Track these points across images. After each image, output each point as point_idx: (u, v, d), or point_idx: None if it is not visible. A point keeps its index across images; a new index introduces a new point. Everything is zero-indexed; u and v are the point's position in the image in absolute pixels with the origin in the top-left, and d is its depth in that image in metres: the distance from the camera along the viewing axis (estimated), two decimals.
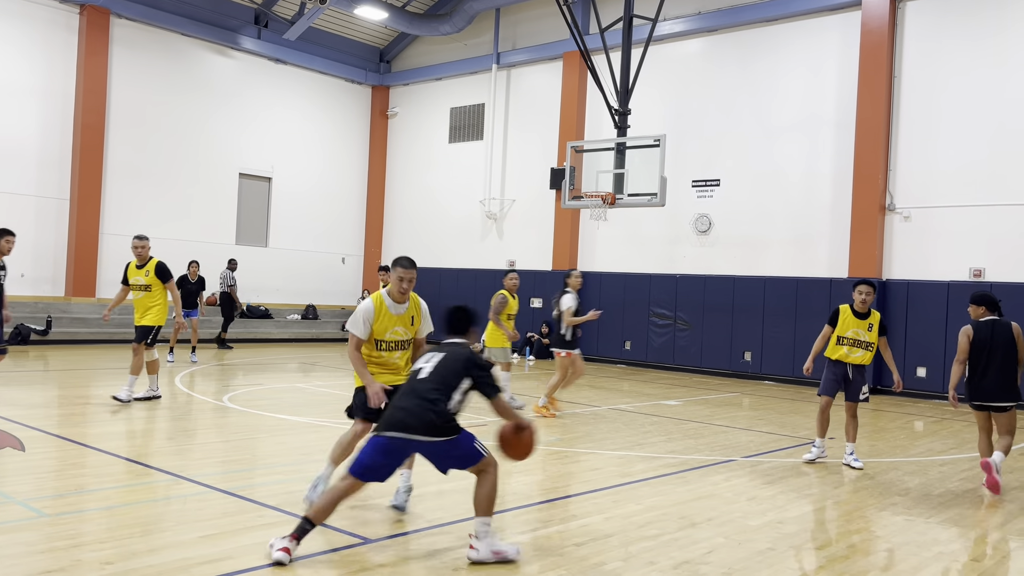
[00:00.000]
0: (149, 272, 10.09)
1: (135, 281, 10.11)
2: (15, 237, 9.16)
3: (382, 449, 4.71)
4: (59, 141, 18.42)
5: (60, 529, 5.03)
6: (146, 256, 10.15)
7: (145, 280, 10.07)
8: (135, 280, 10.11)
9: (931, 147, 15.01)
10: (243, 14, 21.20)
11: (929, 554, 5.33)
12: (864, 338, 8.04)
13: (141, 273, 10.09)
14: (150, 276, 10.08)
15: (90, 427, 8.64)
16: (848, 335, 8.08)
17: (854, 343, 8.07)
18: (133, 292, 10.12)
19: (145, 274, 10.08)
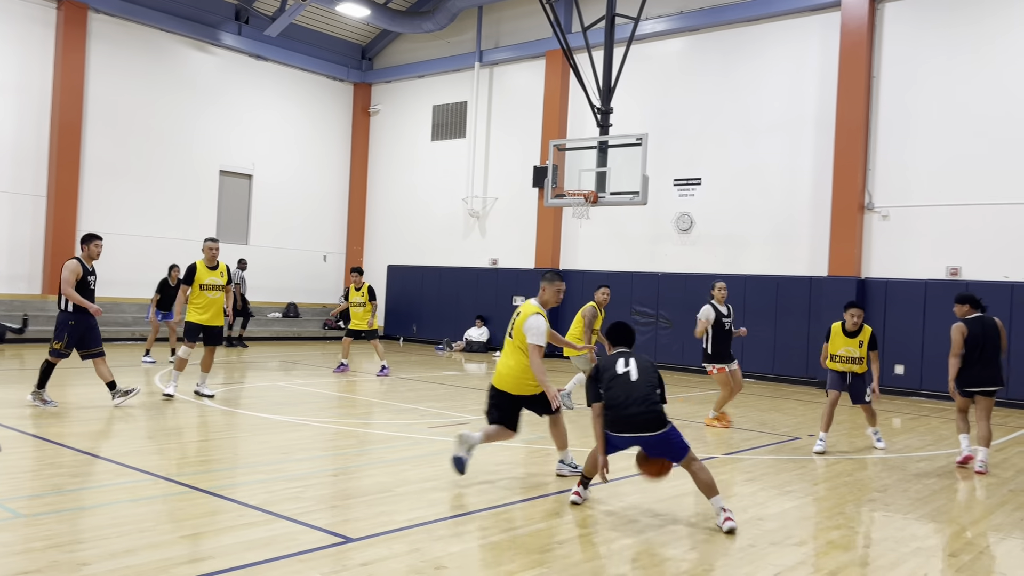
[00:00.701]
0: (224, 274, 10.56)
1: (211, 282, 10.42)
2: (102, 241, 9.56)
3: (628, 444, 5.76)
4: (35, 137, 18.19)
5: (37, 530, 4.97)
6: (216, 258, 10.55)
7: (221, 281, 10.49)
8: (211, 281, 10.42)
9: (909, 147, 15.17)
10: (223, 10, 21.03)
11: (907, 549, 5.39)
12: (855, 355, 8.86)
13: (216, 275, 10.47)
14: (224, 277, 10.53)
15: (67, 426, 8.55)
16: (840, 353, 8.92)
17: (846, 360, 8.92)
18: (210, 293, 10.39)
19: (220, 275, 10.50)
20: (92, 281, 9.43)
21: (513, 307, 20.39)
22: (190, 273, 10.43)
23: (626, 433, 5.70)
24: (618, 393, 5.72)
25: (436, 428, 9.21)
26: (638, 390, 5.70)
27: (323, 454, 7.87)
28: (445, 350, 20.37)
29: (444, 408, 10.73)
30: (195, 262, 10.50)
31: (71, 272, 9.19)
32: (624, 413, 5.67)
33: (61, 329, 9.32)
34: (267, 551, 4.73)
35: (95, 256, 9.48)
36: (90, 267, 9.43)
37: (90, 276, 9.38)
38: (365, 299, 14.55)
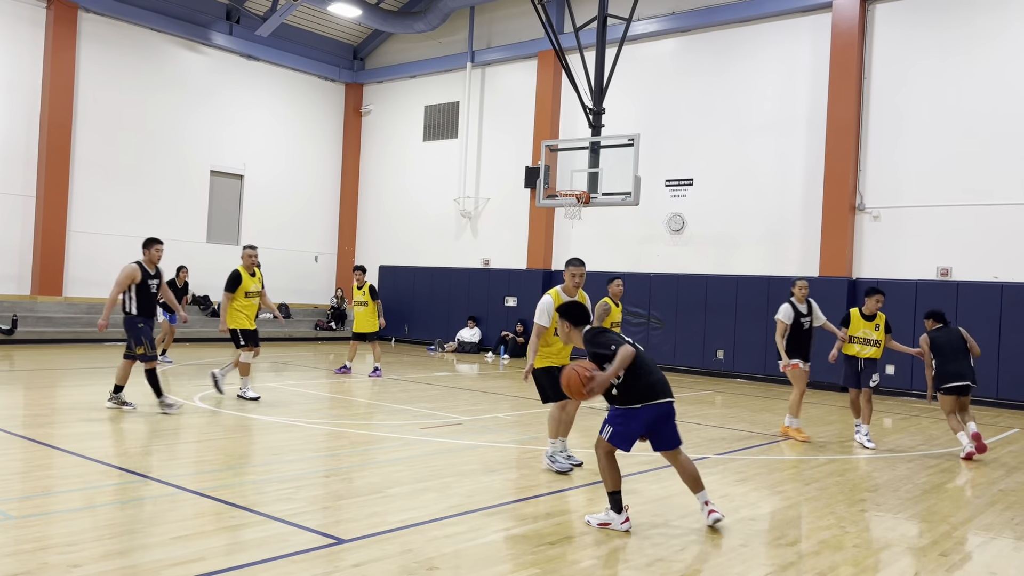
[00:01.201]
0: (261, 280, 10.94)
1: (255, 289, 10.78)
2: (163, 245, 9.59)
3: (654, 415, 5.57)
4: (25, 137, 18.10)
5: (27, 531, 4.94)
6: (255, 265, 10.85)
7: (259, 287, 10.86)
8: (255, 288, 10.78)
9: (900, 148, 15.24)
10: (214, 9, 20.97)
11: (898, 549, 5.41)
12: (872, 337, 9.44)
13: (256, 281, 10.81)
14: (262, 283, 10.89)
15: (57, 428, 8.50)
16: (859, 335, 9.48)
17: (864, 342, 9.45)
18: (254, 299, 10.77)
19: (259, 282, 10.86)
20: (153, 285, 9.40)
21: (505, 307, 20.41)
22: (234, 280, 10.59)
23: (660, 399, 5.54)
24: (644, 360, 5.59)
25: (428, 429, 9.20)
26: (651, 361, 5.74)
27: (315, 455, 7.85)
28: (437, 351, 20.35)
29: (436, 409, 10.72)
30: (237, 269, 10.71)
31: (125, 275, 9.21)
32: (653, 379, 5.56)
33: (135, 333, 9.25)
34: (259, 552, 4.71)
35: (156, 260, 9.48)
36: (152, 271, 9.42)
37: (151, 280, 9.38)
38: (367, 298, 14.27)
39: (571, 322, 5.93)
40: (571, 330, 5.93)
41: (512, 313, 20.17)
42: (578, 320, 5.93)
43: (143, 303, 9.29)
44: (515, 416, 10.50)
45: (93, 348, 16.86)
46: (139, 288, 9.25)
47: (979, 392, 14.11)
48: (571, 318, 5.94)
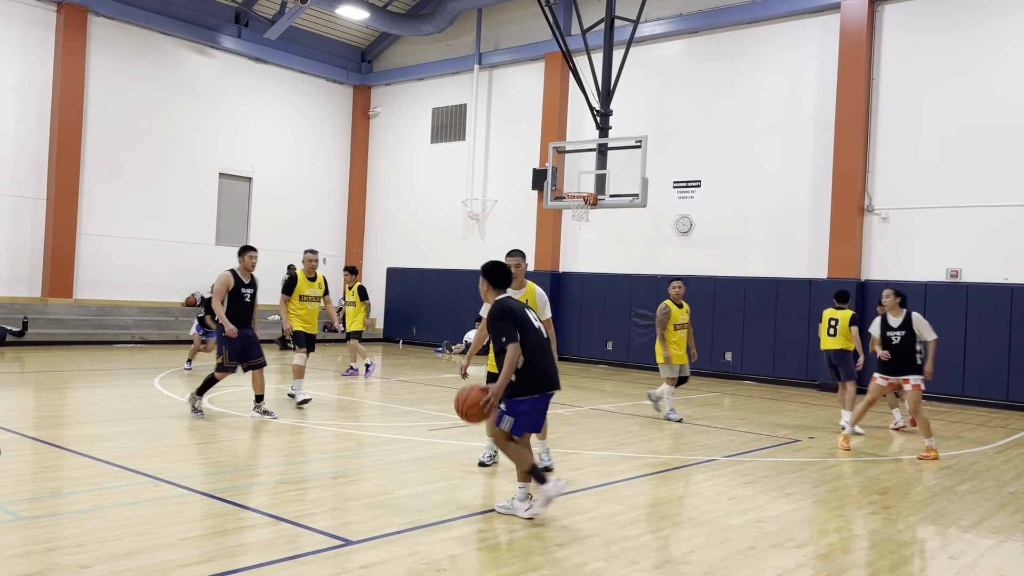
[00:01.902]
0: (322, 285, 10.81)
1: (311, 293, 10.66)
2: (257, 252, 9.44)
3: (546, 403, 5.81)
4: (35, 140, 18.20)
5: (37, 532, 4.97)
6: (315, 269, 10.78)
7: (319, 292, 10.75)
8: (311, 292, 10.67)
9: (909, 148, 15.18)
10: (223, 13, 21.05)
11: (907, 552, 5.39)
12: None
13: (315, 285, 10.70)
14: (322, 288, 10.77)
15: (67, 429, 8.55)
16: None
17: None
18: (310, 304, 10.65)
19: (319, 287, 10.73)
20: (248, 294, 9.24)
21: None
22: (291, 284, 10.61)
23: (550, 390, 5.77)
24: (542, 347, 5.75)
25: (435, 431, 9.20)
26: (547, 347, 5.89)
27: (322, 457, 7.86)
28: (444, 352, 20.36)
29: (443, 411, 10.72)
30: (296, 272, 10.72)
31: (221, 284, 9.04)
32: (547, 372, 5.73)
33: (219, 343, 9.20)
34: (267, 554, 4.72)
35: (250, 267, 9.31)
36: (246, 279, 9.25)
37: (245, 288, 9.21)
38: (356, 298, 14.62)
39: (490, 282, 5.95)
40: (488, 290, 5.97)
41: None
42: (498, 283, 5.95)
43: (232, 311, 9.07)
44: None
45: (103, 350, 16.94)
46: (231, 296, 9.07)
47: (989, 394, 14.06)
48: (491, 278, 5.95)
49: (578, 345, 19.26)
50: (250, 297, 9.25)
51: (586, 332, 19.14)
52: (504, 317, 5.67)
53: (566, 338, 19.55)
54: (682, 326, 10.57)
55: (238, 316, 9.12)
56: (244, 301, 9.17)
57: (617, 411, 11.48)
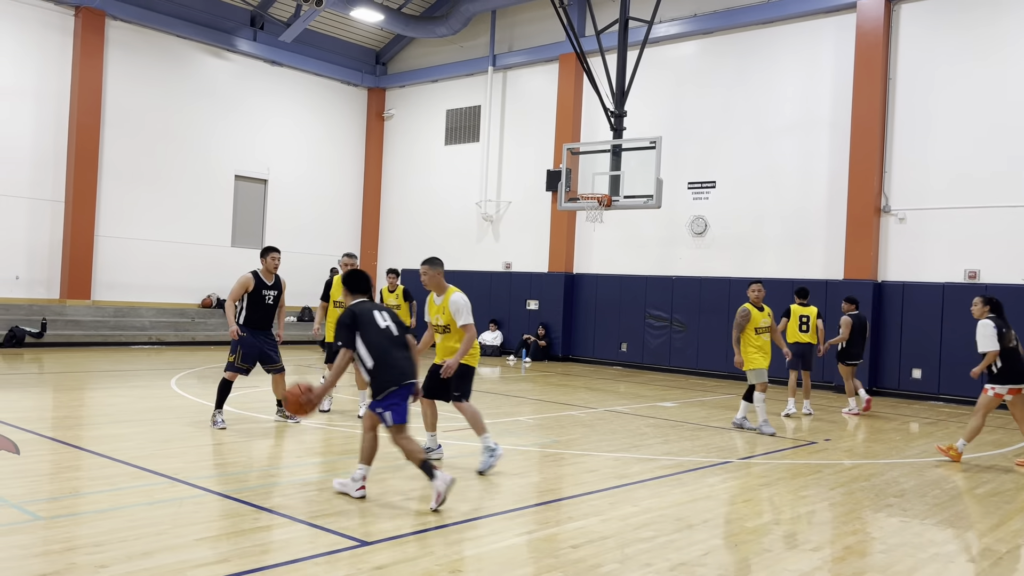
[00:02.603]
0: (400, 296, 10.59)
1: (392, 302, 10.54)
2: (279, 253, 9.28)
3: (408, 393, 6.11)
4: (54, 143, 18.38)
5: (55, 532, 5.01)
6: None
7: (397, 302, 10.55)
8: (392, 302, 10.56)
9: (926, 149, 15.06)
10: (239, 16, 21.18)
11: (925, 555, 5.34)
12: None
13: (393, 297, 10.54)
14: (400, 298, 10.53)
15: (85, 430, 8.62)
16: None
17: None
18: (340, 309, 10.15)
19: (396, 298, 10.52)
20: (269, 296, 9.01)
21: (527, 311, 20.40)
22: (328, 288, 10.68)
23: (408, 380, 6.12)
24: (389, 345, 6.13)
25: (449, 432, 9.21)
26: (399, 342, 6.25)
27: (338, 458, 7.89)
28: None
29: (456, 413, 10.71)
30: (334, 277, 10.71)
31: (239, 285, 8.83)
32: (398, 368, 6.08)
33: (233, 341, 8.95)
34: (283, 554, 4.75)
35: (272, 269, 9.10)
36: (269, 281, 9.06)
37: (267, 290, 9.00)
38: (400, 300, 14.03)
39: (347, 288, 6.40)
40: (346, 296, 6.40)
41: (534, 316, 20.17)
42: (352, 289, 6.40)
43: (251, 313, 8.87)
44: (537, 419, 10.50)
45: (121, 351, 17.07)
46: (250, 297, 8.89)
47: None
48: (347, 285, 6.41)
49: (592, 347, 19.24)
50: (272, 299, 9.05)
51: (600, 334, 19.11)
52: (344, 324, 6.11)
53: (580, 339, 19.54)
54: (764, 329, 10.17)
55: (258, 318, 8.95)
56: (265, 303, 8.98)
57: (632, 413, 11.45)
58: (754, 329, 10.06)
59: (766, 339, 10.16)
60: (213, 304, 20.72)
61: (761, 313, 10.15)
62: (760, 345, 10.09)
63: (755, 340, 10.07)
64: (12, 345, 16.49)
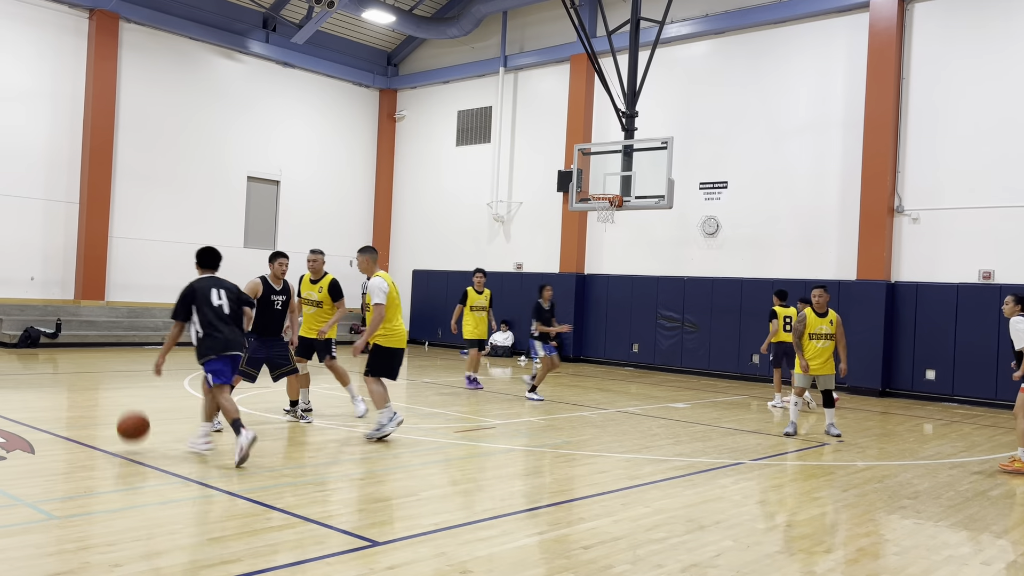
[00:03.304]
0: (322, 288, 9.83)
1: (307, 296, 9.84)
2: (288, 259, 9.14)
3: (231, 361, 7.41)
4: (68, 145, 18.51)
5: (69, 531, 5.05)
6: (320, 271, 9.89)
7: (318, 296, 9.82)
8: (308, 295, 9.84)
9: (940, 148, 14.96)
10: (251, 18, 21.28)
11: (939, 557, 5.31)
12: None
13: (315, 288, 9.84)
14: (323, 293, 9.79)
15: (99, 430, 8.68)
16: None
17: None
18: (305, 307, 9.80)
19: (318, 290, 9.82)
20: (278, 301, 8.88)
21: None
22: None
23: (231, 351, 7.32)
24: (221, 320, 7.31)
25: (461, 432, 9.22)
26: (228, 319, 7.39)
27: (349, 458, 7.91)
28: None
29: (469, 412, 10.75)
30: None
31: (248, 290, 8.57)
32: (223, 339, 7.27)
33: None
34: (294, 554, 4.76)
35: (280, 275, 8.99)
36: (277, 286, 8.93)
37: (275, 296, 8.86)
38: (487, 303, 13.67)
39: (198, 263, 7.58)
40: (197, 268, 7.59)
41: None
42: (200, 263, 7.61)
43: (259, 319, 8.68)
44: (548, 420, 10.49)
45: (134, 351, 17.18)
46: (259, 303, 8.67)
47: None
48: (200, 260, 7.61)
49: (603, 347, 19.21)
50: (281, 304, 8.93)
51: (611, 334, 19.08)
52: (182, 297, 7.33)
53: (591, 340, 19.52)
54: (820, 335, 9.88)
55: (267, 324, 8.84)
56: (274, 309, 8.86)
57: (643, 414, 11.43)
58: (808, 335, 9.91)
59: (819, 346, 9.88)
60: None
61: (820, 319, 9.92)
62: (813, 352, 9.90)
63: (807, 347, 9.95)
64: (27, 345, 16.62)
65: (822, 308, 9.95)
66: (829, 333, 9.90)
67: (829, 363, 9.90)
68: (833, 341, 9.93)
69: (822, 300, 9.94)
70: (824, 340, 9.89)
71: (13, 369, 13.70)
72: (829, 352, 9.91)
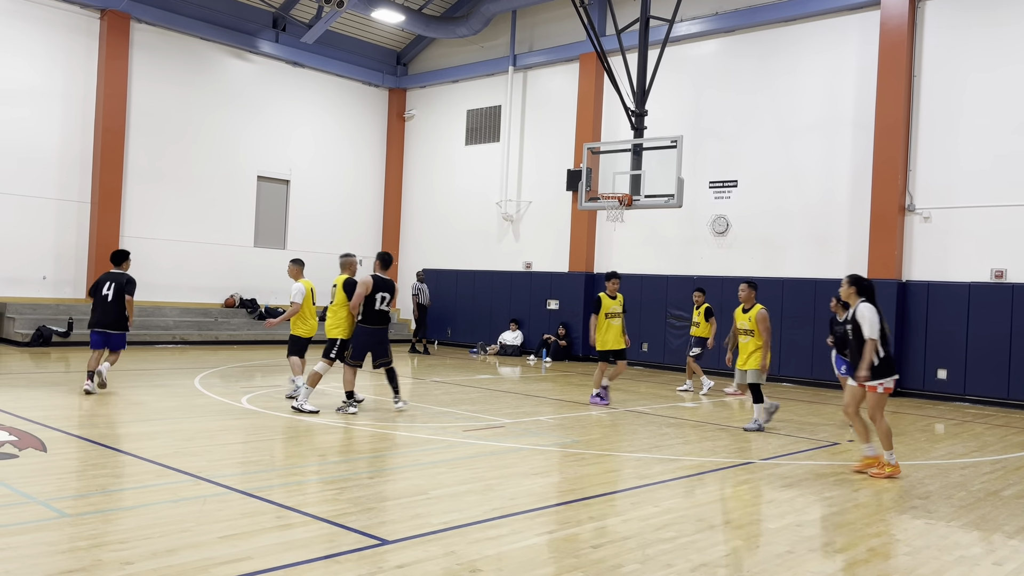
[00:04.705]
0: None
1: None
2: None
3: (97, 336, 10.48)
4: (80, 145, 18.62)
5: (81, 529, 5.08)
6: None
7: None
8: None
9: (952, 146, 14.88)
10: (261, 18, 21.35)
11: (950, 558, 5.28)
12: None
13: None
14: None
15: (111, 428, 8.73)
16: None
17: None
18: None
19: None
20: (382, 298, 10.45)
21: (547, 310, 20.39)
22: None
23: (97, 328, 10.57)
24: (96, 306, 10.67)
25: (471, 431, 9.23)
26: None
27: (359, 457, 7.93)
28: (479, 353, 20.41)
29: (478, 411, 10.76)
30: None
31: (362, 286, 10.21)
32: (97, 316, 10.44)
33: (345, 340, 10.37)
34: (304, 552, 4.78)
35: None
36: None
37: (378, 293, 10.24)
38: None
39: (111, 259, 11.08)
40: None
41: (554, 316, 20.15)
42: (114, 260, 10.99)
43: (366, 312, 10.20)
44: (557, 419, 10.49)
45: (145, 350, 17.25)
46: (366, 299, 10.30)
47: None
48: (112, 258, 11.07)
49: None
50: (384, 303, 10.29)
51: None
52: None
53: None
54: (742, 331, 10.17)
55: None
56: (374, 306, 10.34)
57: (652, 413, 11.41)
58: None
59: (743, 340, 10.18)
60: (236, 304, 20.88)
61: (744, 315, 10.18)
62: None
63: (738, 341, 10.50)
64: (39, 344, 16.73)
65: (748, 303, 10.14)
66: (749, 329, 10.03)
67: (752, 358, 9.98)
68: (753, 337, 10.03)
69: (743, 295, 10.16)
70: (745, 336, 10.07)
71: (25, 367, 13.79)
72: (750, 349, 10.02)
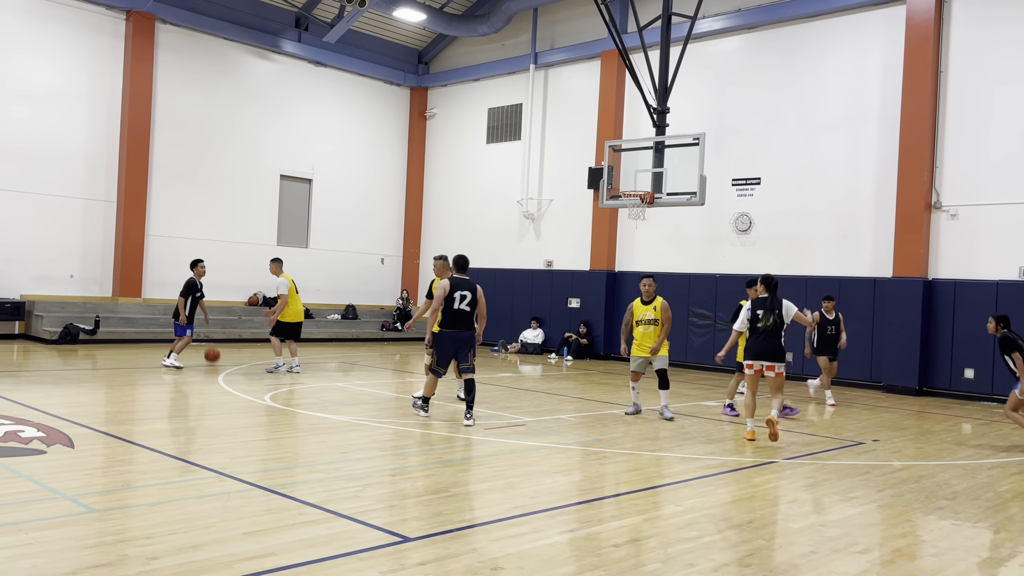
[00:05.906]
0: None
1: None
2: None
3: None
4: (106, 145, 18.84)
5: (107, 525, 5.14)
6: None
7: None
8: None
9: (979, 143, 14.67)
10: (284, 18, 21.49)
11: (977, 559, 5.21)
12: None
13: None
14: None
15: (137, 424, 8.83)
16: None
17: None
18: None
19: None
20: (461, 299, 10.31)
21: (569, 309, 20.35)
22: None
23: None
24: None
25: (492, 429, 9.24)
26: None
27: (381, 454, 7.97)
28: (500, 352, 20.42)
29: (500, 410, 10.77)
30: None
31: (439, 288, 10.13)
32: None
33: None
34: (327, 549, 4.81)
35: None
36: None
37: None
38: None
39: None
40: None
41: (575, 314, 20.12)
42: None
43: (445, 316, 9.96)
44: (578, 418, 10.48)
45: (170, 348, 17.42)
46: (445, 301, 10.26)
47: None
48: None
49: None
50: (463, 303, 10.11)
51: None
52: None
53: None
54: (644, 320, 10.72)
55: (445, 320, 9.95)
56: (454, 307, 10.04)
57: (675, 412, 11.35)
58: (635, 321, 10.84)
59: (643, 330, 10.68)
60: (259, 302, 21.04)
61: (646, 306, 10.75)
62: None
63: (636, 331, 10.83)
64: (67, 342, 16.96)
65: (649, 296, 10.69)
66: (653, 319, 10.55)
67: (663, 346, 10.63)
68: (657, 326, 10.55)
69: (646, 288, 10.74)
70: (647, 325, 10.57)
71: (53, 365, 13.99)
72: (654, 337, 10.55)
